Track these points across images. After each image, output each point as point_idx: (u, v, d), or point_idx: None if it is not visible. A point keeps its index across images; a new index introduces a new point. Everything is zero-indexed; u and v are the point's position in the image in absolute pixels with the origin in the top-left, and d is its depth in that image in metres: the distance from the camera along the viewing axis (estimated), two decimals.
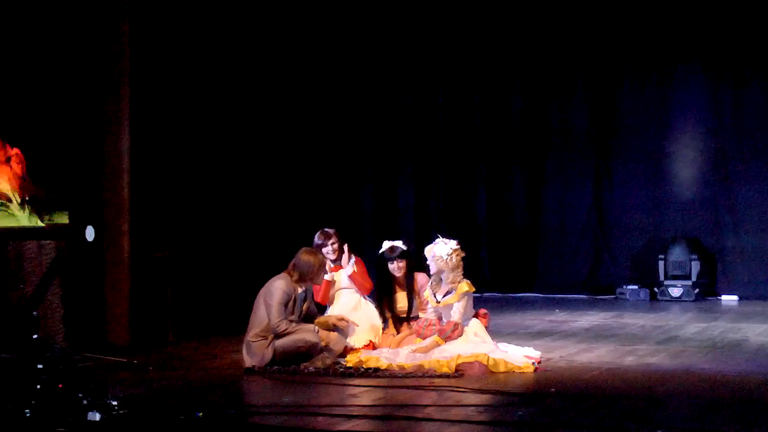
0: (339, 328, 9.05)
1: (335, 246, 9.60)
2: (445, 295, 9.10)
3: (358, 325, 9.22)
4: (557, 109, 15.31)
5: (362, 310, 9.54)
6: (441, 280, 9.12)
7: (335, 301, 9.65)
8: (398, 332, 9.38)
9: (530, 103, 15.39)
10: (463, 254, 9.12)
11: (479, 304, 9.69)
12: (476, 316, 9.15)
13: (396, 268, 9.41)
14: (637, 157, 15.00)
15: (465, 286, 9.05)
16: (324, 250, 9.53)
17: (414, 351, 8.87)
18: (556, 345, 10.16)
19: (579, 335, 11.01)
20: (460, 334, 8.94)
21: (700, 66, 14.70)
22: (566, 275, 15.22)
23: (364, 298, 9.65)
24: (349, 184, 15.25)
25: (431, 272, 9.14)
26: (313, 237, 9.68)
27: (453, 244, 9.09)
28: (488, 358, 8.62)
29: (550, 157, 15.37)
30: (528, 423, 6.76)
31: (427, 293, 9.20)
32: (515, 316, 12.68)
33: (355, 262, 9.66)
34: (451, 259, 9.03)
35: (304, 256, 8.96)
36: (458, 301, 9.01)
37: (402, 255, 9.41)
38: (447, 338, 8.91)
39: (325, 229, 9.71)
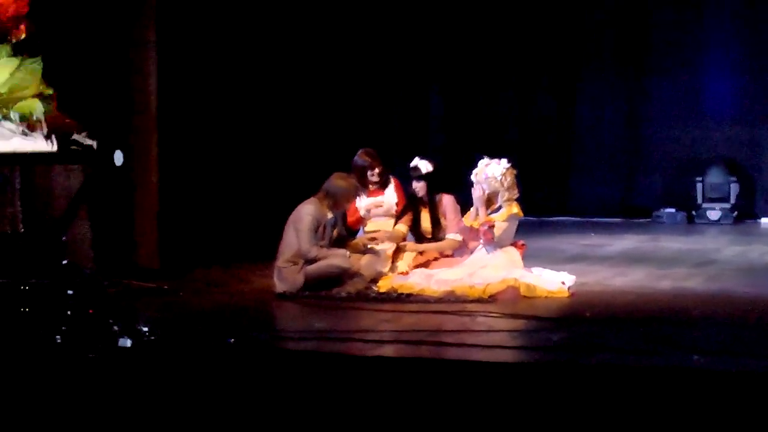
0: (371, 250, 8.98)
1: (379, 170, 9.34)
2: (494, 212, 8.95)
3: (389, 253, 9.12)
4: (590, 24, 14.93)
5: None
6: (485, 203, 8.92)
7: (368, 226, 9.49)
8: (420, 252, 9.21)
9: (562, 19, 15.04)
10: (516, 171, 8.95)
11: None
12: (514, 245, 9.03)
13: (416, 188, 9.25)
14: (672, 75, 14.69)
15: (515, 207, 8.90)
16: (368, 173, 9.32)
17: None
18: (590, 269, 10.03)
19: (614, 259, 10.90)
20: (488, 239, 8.80)
21: None
22: (601, 198, 15.02)
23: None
24: (378, 97, 14.96)
25: (479, 193, 8.88)
26: (354, 158, 9.38)
27: (505, 162, 8.92)
28: (516, 281, 8.51)
29: (582, 76, 15.05)
30: (562, 348, 6.69)
31: (469, 220, 9.01)
32: (549, 240, 12.52)
33: (395, 185, 9.51)
34: (505, 179, 8.86)
35: (337, 181, 8.82)
36: (504, 220, 8.87)
37: (422, 177, 9.18)
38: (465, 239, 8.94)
39: (369, 150, 9.40)
